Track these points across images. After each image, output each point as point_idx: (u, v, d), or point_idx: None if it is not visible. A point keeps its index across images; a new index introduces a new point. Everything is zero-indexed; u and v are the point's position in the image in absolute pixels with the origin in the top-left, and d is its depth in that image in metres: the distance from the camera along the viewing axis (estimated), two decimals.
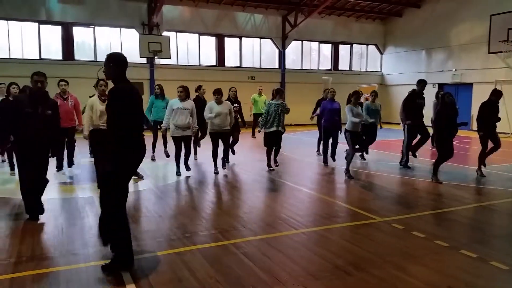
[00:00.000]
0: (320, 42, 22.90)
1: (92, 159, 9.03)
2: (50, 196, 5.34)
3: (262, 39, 21.44)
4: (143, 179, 7.56)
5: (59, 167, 8.17)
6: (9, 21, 16.70)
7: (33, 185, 5.12)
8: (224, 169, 8.40)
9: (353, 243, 4.46)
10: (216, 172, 8.15)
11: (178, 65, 19.62)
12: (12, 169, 8.04)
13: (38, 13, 16.95)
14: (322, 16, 21.67)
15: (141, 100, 3.95)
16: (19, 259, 3.93)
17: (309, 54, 22.96)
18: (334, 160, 9.30)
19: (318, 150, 10.71)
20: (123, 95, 3.72)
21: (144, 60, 18.65)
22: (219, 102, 7.96)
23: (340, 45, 23.35)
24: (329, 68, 23.31)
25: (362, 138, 8.25)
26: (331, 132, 9.22)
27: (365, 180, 7.80)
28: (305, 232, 4.78)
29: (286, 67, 21.85)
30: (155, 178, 7.89)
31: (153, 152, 9.63)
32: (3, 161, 8.98)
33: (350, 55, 23.89)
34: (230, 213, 5.58)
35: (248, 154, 10.90)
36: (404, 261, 3.95)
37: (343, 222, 5.23)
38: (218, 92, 7.99)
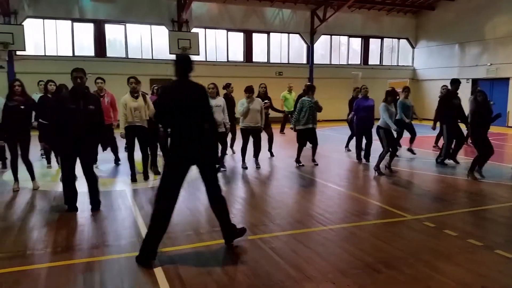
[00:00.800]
0: (350, 36, 22.55)
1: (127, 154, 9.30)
2: (85, 189, 5.51)
3: (290, 34, 21.32)
4: None
5: (94, 161, 8.40)
6: (44, 20, 17.27)
7: (74, 178, 5.29)
8: (258, 169, 8.32)
9: (383, 240, 4.39)
10: (245, 167, 8.19)
11: (206, 61, 19.77)
12: (49, 162, 8.33)
13: (72, 11, 17.44)
14: (351, 10, 21.31)
15: (187, 97, 3.92)
16: (55, 249, 4.08)
17: (338, 49, 22.65)
18: (368, 161, 9.04)
19: (347, 146, 10.57)
20: (161, 93, 4.29)
21: (173, 57, 18.88)
22: (250, 100, 7.97)
23: (371, 39, 22.92)
24: (359, 62, 22.94)
25: (395, 136, 8.09)
26: (365, 130, 8.95)
27: (396, 177, 7.64)
28: (333, 229, 4.74)
29: (315, 62, 21.64)
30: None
31: None
32: (42, 155, 9.31)
33: (381, 49, 23.41)
34: (258, 208, 5.60)
35: (277, 150, 10.88)
36: (436, 260, 3.85)
37: (373, 220, 5.15)
38: (249, 90, 7.98)
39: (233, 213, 5.35)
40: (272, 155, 9.72)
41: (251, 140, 8.18)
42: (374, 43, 23.21)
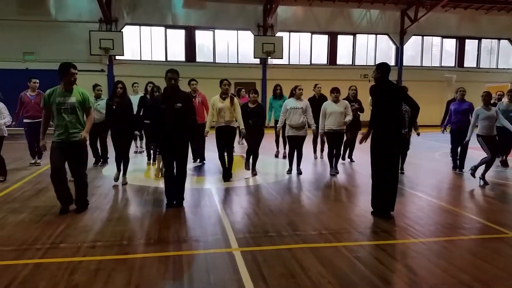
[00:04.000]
0: (443, 37, 21.20)
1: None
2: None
3: (378, 35, 20.59)
4: (255, 175, 7.81)
5: (202, 159, 8.96)
6: (141, 27, 18.66)
7: (173, 175, 5.63)
8: (337, 173, 8.20)
9: (480, 258, 4.01)
10: (335, 173, 8.03)
11: (289, 64, 19.89)
12: (149, 159, 8.96)
13: (166, 18, 18.65)
14: (445, 9, 20.03)
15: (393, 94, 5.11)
16: (148, 241, 4.36)
17: (430, 50, 21.39)
18: (461, 170, 8.43)
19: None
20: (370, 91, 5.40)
21: (257, 61, 19.29)
22: (336, 100, 7.83)
23: (466, 40, 21.30)
24: (453, 65, 21.46)
25: (498, 142, 7.40)
26: (459, 136, 8.30)
27: (497, 190, 6.97)
28: (424, 242, 4.45)
29: (404, 64, 20.65)
30: (267, 175, 8.08)
31: (278, 148, 9.96)
32: (136, 152, 10.06)
33: (478, 51, 21.62)
34: (341, 215, 5.45)
35: (363, 155, 10.53)
36: None
37: (469, 235, 4.74)
38: (336, 90, 7.85)
39: (315, 218, 5.29)
40: (352, 160, 9.44)
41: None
42: (470, 44, 21.56)
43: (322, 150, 9.85)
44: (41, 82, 8.66)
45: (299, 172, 7.99)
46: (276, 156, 9.97)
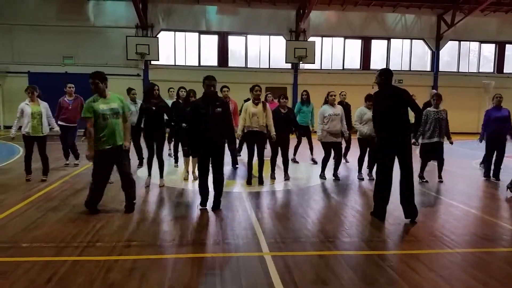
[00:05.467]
0: (482, 42, 20.52)
1: (241, 158, 9.76)
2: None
3: (413, 40, 20.19)
4: (288, 180, 7.80)
5: (235, 163, 9.06)
6: (176, 32, 19.05)
7: (207, 178, 5.72)
8: (370, 177, 8.10)
9: None
10: (361, 178, 7.96)
11: (321, 69, 19.77)
12: (176, 161, 9.11)
13: (200, 24, 18.96)
14: (485, 13, 19.40)
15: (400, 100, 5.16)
16: (181, 242, 4.43)
17: (467, 56, 20.76)
18: (497, 178, 8.13)
19: (482, 162, 9.30)
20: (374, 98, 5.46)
21: (288, 66, 19.29)
22: (370, 107, 7.70)
23: (506, 45, 20.54)
24: (492, 70, 20.74)
25: None
26: (495, 144, 8.06)
27: None
28: (460, 253, 4.31)
29: (440, 69, 20.13)
30: (298, 179, 8.05)
31: (294, 154, 9.89)
32: (170, 155, 10.25)
33: None
34: (374, 223, 5.36)
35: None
36: None
37: (508, 246, 4.56)
38: (370, 98, 7.73)
39: (347, 225, 5.23)
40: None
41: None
42: (510, 50, 20.73)
43: (345, 155, 9.86)
44: (80, 85, 8.97)
45: (337, 178, 7.93)
46: (294, 160, 9.88)
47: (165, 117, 7.12)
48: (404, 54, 20.42)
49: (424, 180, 7.87)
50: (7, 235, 4.53)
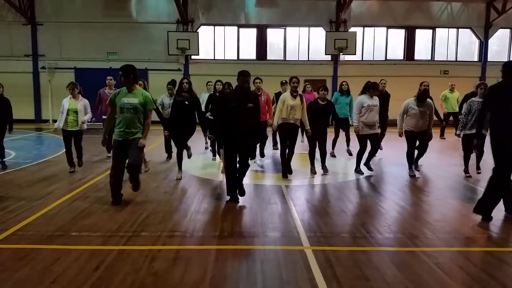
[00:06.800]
0: None
1: (276, 151, 9.72)
2: (245, 181, 5.96)
3: (459, 29, 19.27)
4: (327, 174, 7.70)
5: (253, 156, 8.99)
6: (215, 27, 19.18)
7: (236, 169, 5.75)
8: (418, 171, 7.89)
9: None
10: (413, 175, 7.65)
11: (362, 60, 19.29)
12: (214, 155, 9.22)
13: (239, 18, 18.97)
14: None
15: None
16: (222, 234, 4.49)
17: None
18: None
19: None
20: None
21: (328, 57, 18.96)
22: (420, 104, 7.41)
23: None
24: None
25: None
26: None
27: None
28: None
29: (488, 60, 19.12)
30: (335, 174, 7.92)
31: (333, 148, 9.70)
32: (206, 148, 10.41)
33: None
34: (418, 219, 5.19)
35: (441, 156, 9.98)
36: None
37: None
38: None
39: (389, 220, 5.10)
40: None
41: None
42: None
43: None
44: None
45: (370, 169, 7.79)
46: (333, 155, 9.65)
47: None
48: (450, 44, 19.53)
49: (468, 175, 7.54)
50: (57, 224, 4.75)
